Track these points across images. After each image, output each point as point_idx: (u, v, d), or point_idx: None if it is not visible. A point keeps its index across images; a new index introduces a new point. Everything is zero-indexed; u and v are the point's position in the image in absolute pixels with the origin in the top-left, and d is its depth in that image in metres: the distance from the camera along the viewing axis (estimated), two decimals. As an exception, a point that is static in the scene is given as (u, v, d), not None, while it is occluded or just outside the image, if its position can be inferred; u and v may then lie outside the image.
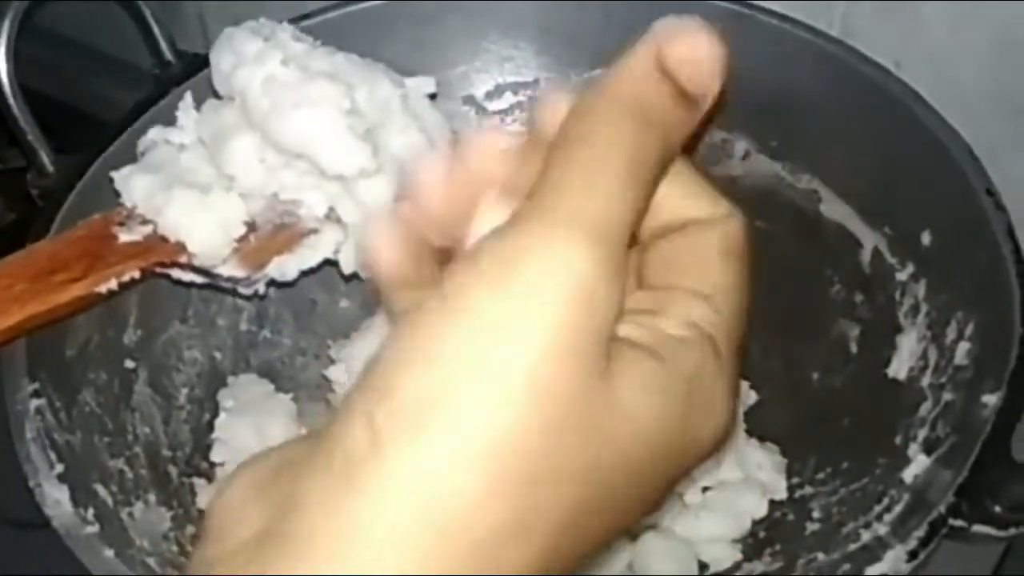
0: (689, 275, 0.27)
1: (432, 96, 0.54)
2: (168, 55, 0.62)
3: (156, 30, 0.61)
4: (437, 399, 0.23)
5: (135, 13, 0.62)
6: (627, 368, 0.25)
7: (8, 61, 0.54)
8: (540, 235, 0.24)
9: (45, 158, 0.56)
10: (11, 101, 0.55)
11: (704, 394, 0.26)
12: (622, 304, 0.25)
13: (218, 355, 0.62)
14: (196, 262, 0.49)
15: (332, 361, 0.61)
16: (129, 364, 0.56)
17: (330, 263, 0.52)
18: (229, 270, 0.50)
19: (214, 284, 0.52)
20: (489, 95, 0.66)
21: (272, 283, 0.52)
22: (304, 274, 0.52)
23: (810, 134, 0.59)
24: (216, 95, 0.52)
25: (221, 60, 0.51)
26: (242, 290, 0.52)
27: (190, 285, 0.52)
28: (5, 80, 0.55)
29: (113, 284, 0.48)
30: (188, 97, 0.52)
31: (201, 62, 0.58)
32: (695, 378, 0.26)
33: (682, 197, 0.28)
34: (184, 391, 0.59)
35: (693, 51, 0.26)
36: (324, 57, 0.51)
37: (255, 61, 0.49)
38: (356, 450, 0.23)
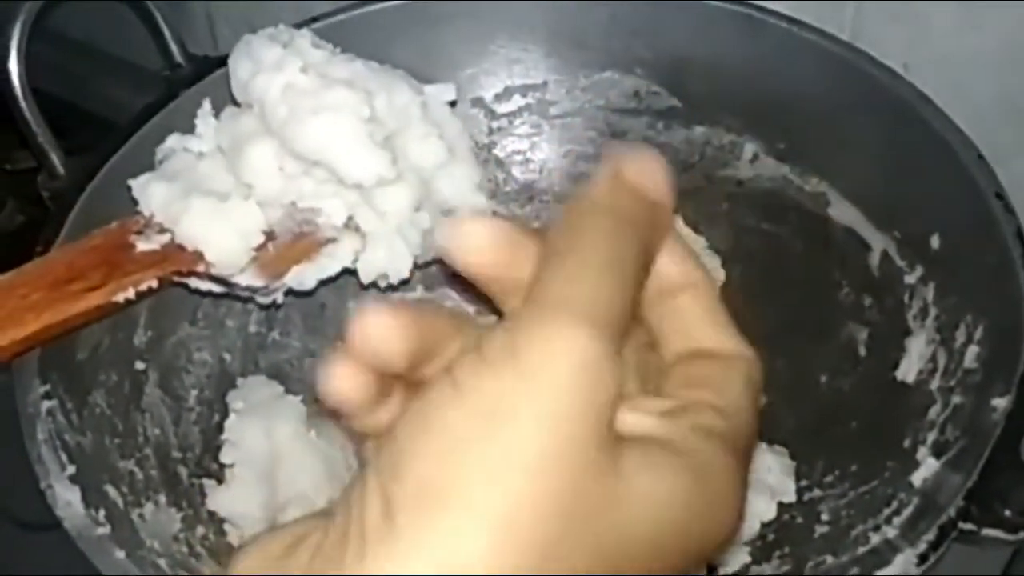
0: (709, 392, 0.29)
1: (452, 103, 0.53)
2: (178, 57, 0.62)
3: (166, 32, 0.62)
4: (448, 478, 0.24)
5: (145, 16, 0.62)
6: (638, 454, 0.26)
7: (19, 63, 0.55)
8: (540, 323, 0.25)
9: (55, 160, 0.56)
10: (22, 103, 0.55)
11: (714, 485, 0.27)
12: (621, 385, 0.26)
13: (227, 357, 0.62)
14: (214, 271, 0.49)
15: (341, 363, 0.61)
16: (139, 366, 0.56)
17: (348, 272, 0.51)
18: (247, 279, 0.50)
19: (232, 293, 0.51)
20: (498, 97, 0.66)
21: (290, 292, 0.52)
22: (322, 283, 0.51)
23: (818, 137, 0.59)
24: (235, 102, 0.51)
25: (239, 67, 0.50)
26: (260, 299, 0.52)
27: (207, 294, 0.52)
28: (16, 82, 0.55)
29: (131, 293, 0.48)
30: (207, 104, 0.52)
31: (211, 65, 0.58)
32: (705, 469, 0.27)
33: (714, 331, 0.30)
34: (194, 393, 0.59)
35: (647, 166, 0.29)
36: (343, 64, 0.50)
37: (274, 68, 0.49)
38: (371, 530, 0.24)
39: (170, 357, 0.58)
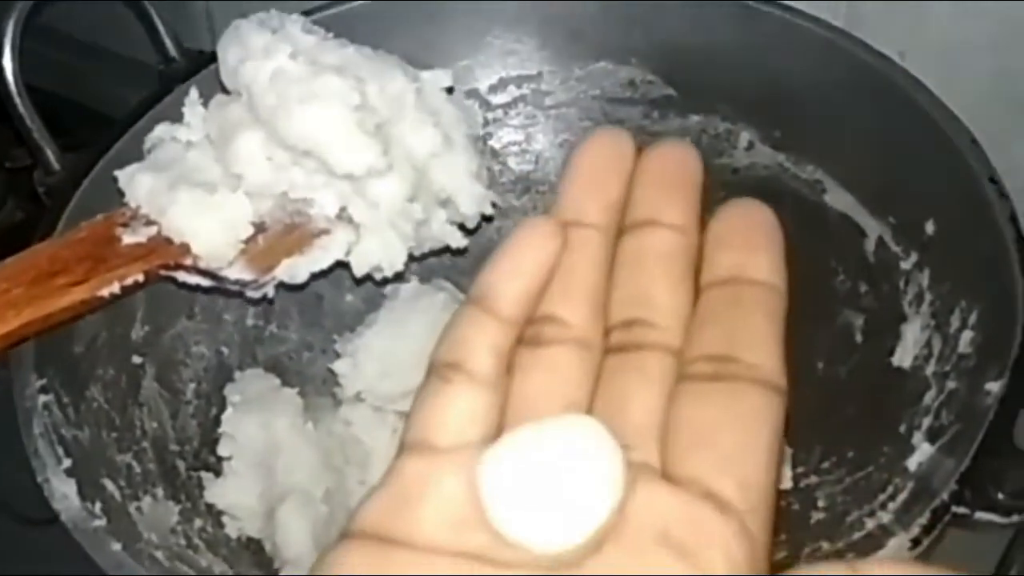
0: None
1: (449, 90, 0.52)
2: (173, 52, 0.62)
3: (161, 27, 0.61)
4: None
5: (140, 11, 0.62)
6: None
7: (13, 59, 0.55)
8: None
9: (51, 156, 0.56)
10: (17, 99, 0.55)
11: None
12: None
13: (225, 350, 0.62)
14: (202, 264, 0.48)
15: (338, 355, 0.61)
16: (136, 360, 0.56)
17: (341, 264, 0.50)
18: (236, 273, 0.48)
19: (221, 287, 0.50)
20: (492, 88, 0.66)
21: (281, 285, 0.50)
22: (314, 276, 0.50)
23: (814, 124, 0.59)
24: (224, 90, 0.51)
25: (228, 53, 0.49)
26: (250, 294, 0.51)
27: (196, 288, 0.51)
28: (11, 78, 0.55)
29: (116, 288, 0.46)
30: (194, 93, 0.51)
31: (207, 59, 0.58)
32: None
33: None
34: (191, 386, 0.59)
35: None
36: (335, 50, 0.49)
37: (263, 54, 0.48)
38: None
39: (167, 351, 0.59)
